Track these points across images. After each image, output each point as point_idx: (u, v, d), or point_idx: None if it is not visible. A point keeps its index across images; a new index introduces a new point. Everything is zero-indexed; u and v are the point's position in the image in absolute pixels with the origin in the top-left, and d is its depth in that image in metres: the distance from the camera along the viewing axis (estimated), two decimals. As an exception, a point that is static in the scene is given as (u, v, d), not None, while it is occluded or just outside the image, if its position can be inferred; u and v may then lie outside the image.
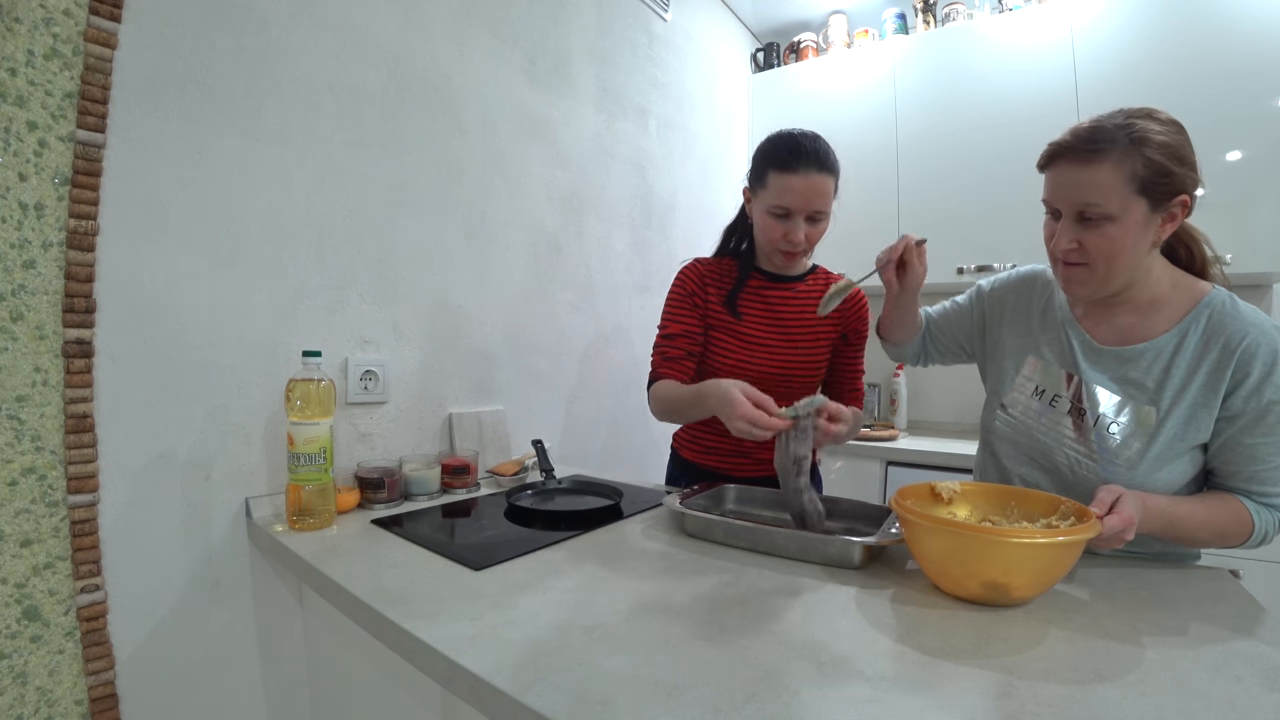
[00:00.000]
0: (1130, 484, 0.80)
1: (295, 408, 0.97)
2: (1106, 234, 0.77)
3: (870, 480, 2.01)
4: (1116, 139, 0.75)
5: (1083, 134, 0.77)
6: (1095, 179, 0.76)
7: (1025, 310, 0.99)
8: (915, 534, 0.72)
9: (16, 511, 0.82)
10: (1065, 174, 0.79)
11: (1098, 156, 0.75)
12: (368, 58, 1.23)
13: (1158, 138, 0.75)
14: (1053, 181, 0.81)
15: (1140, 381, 0.84)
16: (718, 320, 1.18)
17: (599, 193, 1.83)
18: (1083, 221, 0.79)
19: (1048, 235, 0.84)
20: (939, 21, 2.25)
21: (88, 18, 0.86)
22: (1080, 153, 0.77)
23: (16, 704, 0.81)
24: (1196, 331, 0.81)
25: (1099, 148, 0.75)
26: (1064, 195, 0.80)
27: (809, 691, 0.52)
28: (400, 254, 1.29)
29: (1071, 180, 0.78)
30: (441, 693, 0.76)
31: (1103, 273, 0.80)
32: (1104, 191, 0.76)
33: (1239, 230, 1.64)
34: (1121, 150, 0.74)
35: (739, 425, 0.87)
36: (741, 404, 0.87)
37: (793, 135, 1.06)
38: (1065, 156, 0.79)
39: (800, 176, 1.03)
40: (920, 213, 2.15)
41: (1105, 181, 0.75)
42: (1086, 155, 0.76)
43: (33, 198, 0.83)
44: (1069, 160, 0.78)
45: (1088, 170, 0.76)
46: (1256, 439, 0.78)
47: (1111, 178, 0.75)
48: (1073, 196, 0.78)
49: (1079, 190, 0.77)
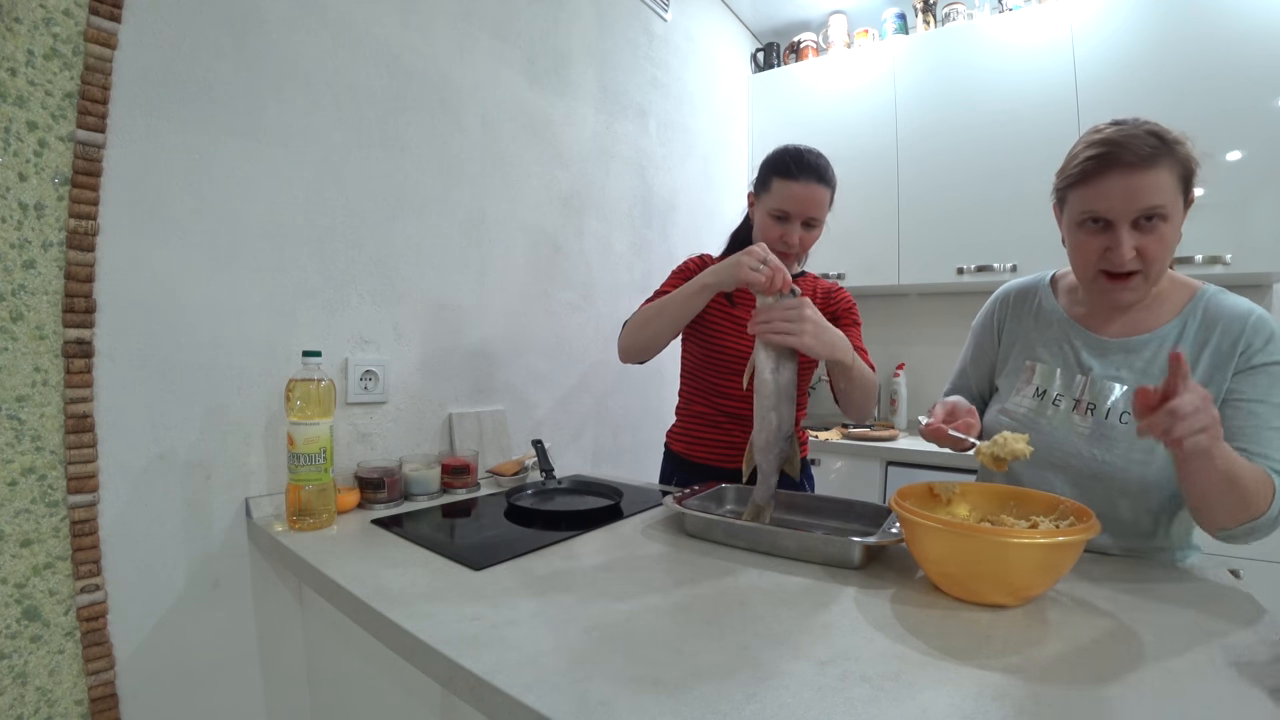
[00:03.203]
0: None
1: (295, 408, 0.97)
2: (1162, 235, 0.79)
3: (870, 480, 2.01)
4: (1162, 141, 0.77)
5: (1132, 142, 0.78)
6: (1158, 182, 0.77)
7: (1019, 321, 1.01)
8: (915, 534, 0.72)
9: (16, 511, 0.82)
10: (1126, 182, 0.78)
11: (1156, 160, 0.77)
12: (368, 58, 1.23)
13: (1175, 135, 0.79)
14: (1107, 191, 0.80)
15: (1146, 369, 0.86)
16: (714, 304, 1.23)
17: (599, 193, 1.83)
18: (1138, 227, 0.79)
19: (1092, 249, 0.83)
20: (939, 21, 2.25)
21: (88, 18, 0.86)
22: (1142, 157, 0.77)
23: (16, 704, 0.81)
24: (1195, 320, 0.85)
25: (1157, 151, 0.77)
26: (1124, 203, 0.79)
27: (809, 691, 0.52)
28: (400, 254, 1.29)
29: (1135, 188, 0.78)
30: (441, 693, 0.76)
31: (1155, 275, 0.82)
32: (1166, 193, 0.78)
33: (1239, 230, 1.64)
34: (1170, 153, 0.77)
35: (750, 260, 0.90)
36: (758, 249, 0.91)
37: (798, 148, 1.15)
38: (1121, 164, 0.78)
39: (801, 184, 1.11)
40: (920, 213, 2.15)
41: (1166, 183, 0.77)
42: (1148, 159, 0.77)
43: (33, 198, 0.83)
44: (1126, 168, 0.78)
45: (1149, 175, 0.77)
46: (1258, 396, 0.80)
47: (1170, 180, 0.78)
48: (1135, 204, 0.78)
49: (1144, 195, 0.78)
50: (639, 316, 1.15)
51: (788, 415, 0.91)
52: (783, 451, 0.92)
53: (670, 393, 1.56)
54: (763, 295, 0.90)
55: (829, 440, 2.09)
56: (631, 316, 1.17)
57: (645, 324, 1.13)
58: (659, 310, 1.10)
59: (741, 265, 0.91)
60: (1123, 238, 0.79)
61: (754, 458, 0.93)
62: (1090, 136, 0.83)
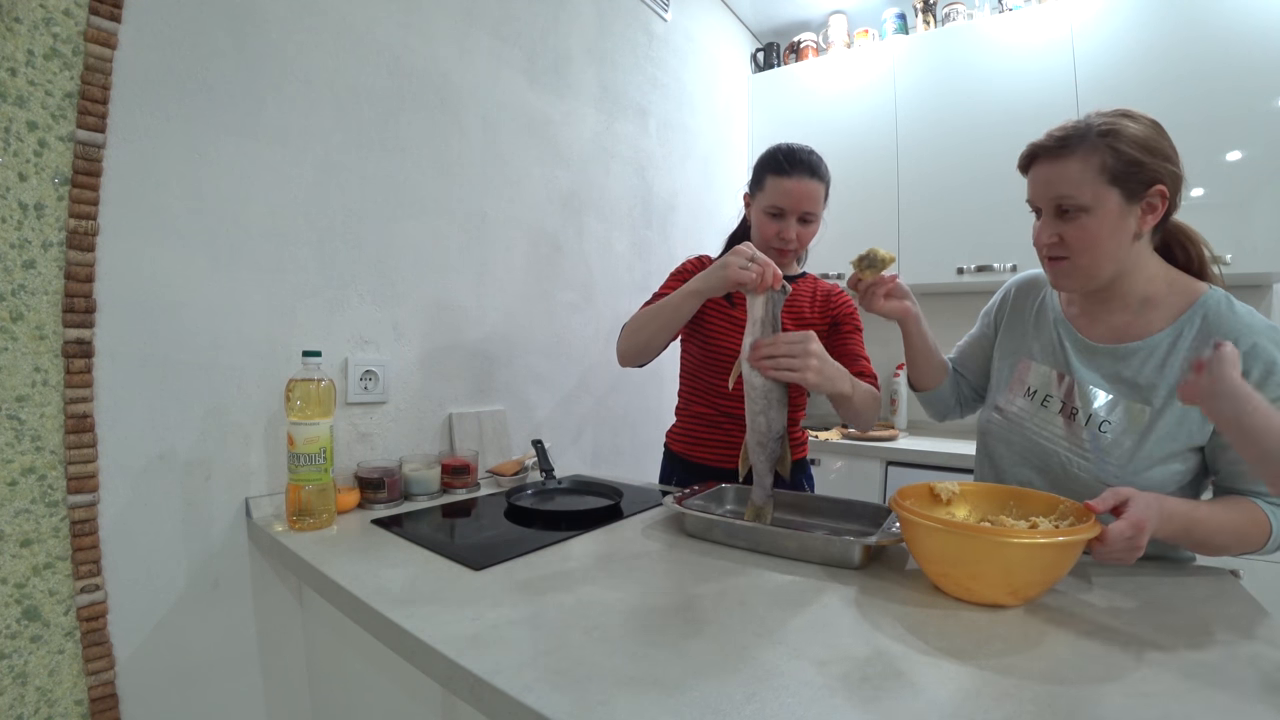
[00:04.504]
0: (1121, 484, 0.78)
1: (295, 408, 0.97)
2: (1083, 225, 0.81)
3: (870, 480, 2.01)
4: (1086, 134, 0.80)
5: (1054, 133, 0.83)
6: (1065, 172, 0.80)
7: (1020, 313, 1.00)
8: (915, 534, 0.72)
9: (16, 511, 0.82)
10: (1040, 171, 0.84)
11: (1066, 151, 0.80)
12: (368, 58, 1.23)
13: (1128, 130, 0.78)
14: (1031, 180, 0.86)
15: (1133, 380, 0.84)
16: (713, 305, 1.24)
17: (599, 193, 1.83)
18: (1061, 215, 0.83)
19: (1037, 236, 0.87)
20: (939, 21, 2.25)
21: (88, 18, 0.86)
22: (1051, 150, 0.82)
23: (16, 704, 0.81)
24: (1191, 331, 0.82)
25: (1067, 143, 0.81)
26: (1040, 191, 0.84)
27: (809, 691, 0.52)
28: (400, 254, 1.29)
29: (1045, 176, 0.83)
30: (441, 693, 0.76)
31: (1085, 265, 0.83)
32: (1075, 183, 0.80)
33: (1239, 230, 1.64)
34: (1090, 144, 0.79)
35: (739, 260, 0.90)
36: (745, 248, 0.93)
37: (790, 145, 1.16)
38: (1039, 156, 0.84)
39: (794, 180, 1.12)
40: (920, 213, 2.15)
41: (1075, 174, 0.80)
42: (1057, 151, 0.81)
43: (33, 198, 0.83)
44: (1042, 158, 0.84)
45: (1058, 165, 0.81)
46: None
47: (1080, 169, 0.79)
48: (1048, 191, 0.83)
49: (1052, 185, 0.82)
50: (634, 322, 1.15)
51: (777, 417, 0.91)
52: (774, 452, 0.92)
53: (670, 393, 1.56)
54: (754, 294, 0.90)
55: (829, 440, 2.09)
56: (628, 321, 1.18)
57: (639, 329, 1.13)
58: (652, 316, 1.10)
59: (731, 266, 0.91)
60: (1043, 224, 0.86)
61: (748, 458, 0.94)
62: None
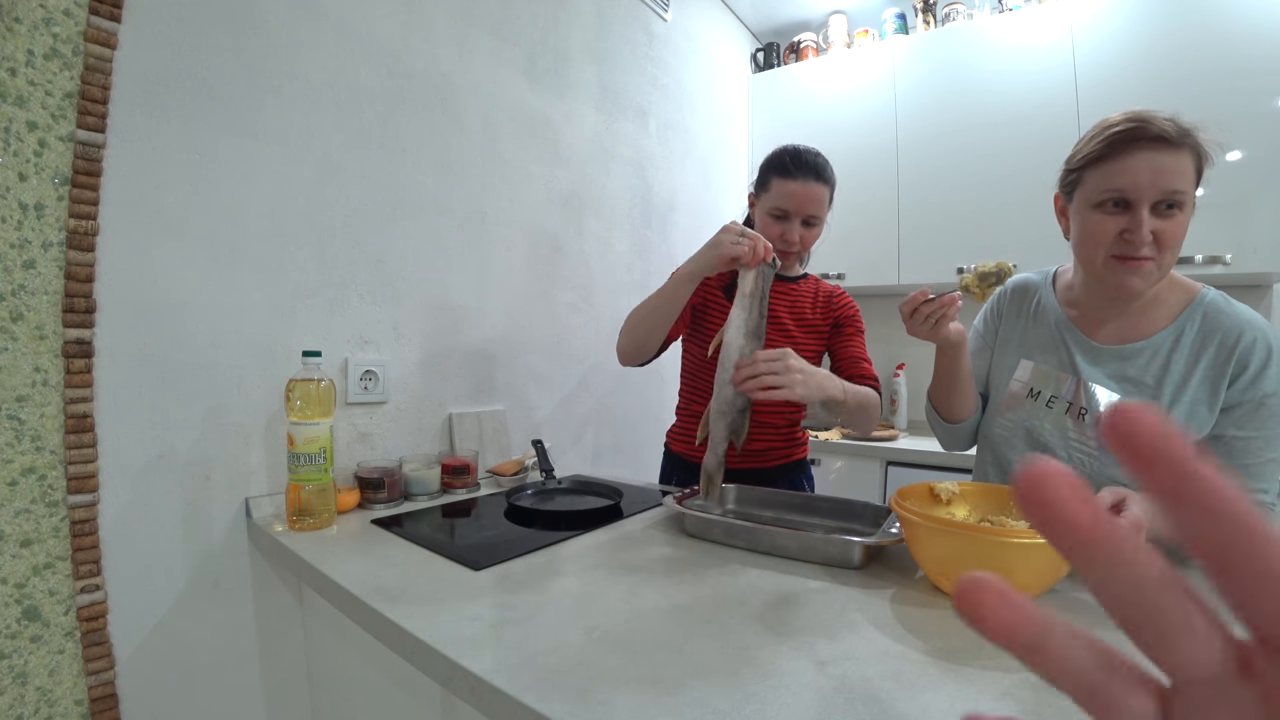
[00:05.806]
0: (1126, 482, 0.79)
1: (295, 408, 0.97)
2: (1179, 224, 0.77)
3: (870, 480, 2.01)
4: (1190, 131, 0.75)
5: (1165, 123, 0.75)
6: (1181, 166, 0.75)
7: (1017, 317, 1.00)
8: (915, 534, 0.72)
9: (16, 511, 0.82)
10: (1151, 159, 0.75)
11: (1182, 143, 0.75)
12: (368, 58, 1.23)
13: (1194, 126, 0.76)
14: (1130, 167, 0.76)
15: (1139, 378, 0.84)
16: (715, 303, 1.25)
17: (599, 193, 1.83)
18: (1157, 211, 0.77)
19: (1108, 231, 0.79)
20: (939, 21, 2.25)
21: (88, 18, 0.86)
22: (1172, 139, 0.75)
23: (16, 704, 0.81)
24: (1193, 328, 0.82)
25: (1186, 135, 0.75)
26: (1150, 181, 0.75)
27: (809, 692, 0.52)
28: (400, 254, 1.29)
29: (1159, 165, 0.75)
30: (441, 693, 0.76)
31: (1167, 264, 0.79)
32: (1187, 179, 0.76)
33: (1239, 230, 1.64)
34: (1193, 141, 0.76)
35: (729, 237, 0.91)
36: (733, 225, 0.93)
37: (796, 148, 1.16)
38: (1148, 140, 0.75)
39: (799, 183, 1.12)
40: (920, 213, 2.15)
41: (1186, 168, 0.75)
42: (1177, 142, 0.75)
43: (33, 198, 0.82)
44: (1155, 146, 0.75)
45: (1176, 157, 0.75)
46: (1248, 432, 0.79)
47: (1189, 165, 0.76)
48: (1159, 182, 0.75)
49: (1168, 176, 0.75)
50: (632, 317, 1.15)
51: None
52: (733, 423, 0.92)
53: (670, 393, 1.56)
54: (746, 269, 0.91)
55: (829, 440, 2.09)
56: (626, 320, 1.18)
57: (638, 323, 1.13)
58: (650, 308, 1.10)
59: (723, 243, 0.92)
60: (1143, 217, 0.76)
61: (707, 424, 0.94)
62: (1108, 120, 0.79)
